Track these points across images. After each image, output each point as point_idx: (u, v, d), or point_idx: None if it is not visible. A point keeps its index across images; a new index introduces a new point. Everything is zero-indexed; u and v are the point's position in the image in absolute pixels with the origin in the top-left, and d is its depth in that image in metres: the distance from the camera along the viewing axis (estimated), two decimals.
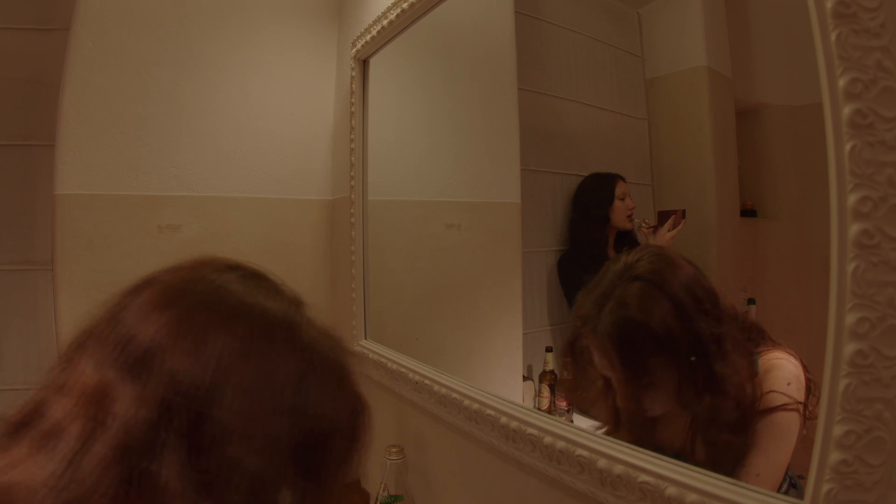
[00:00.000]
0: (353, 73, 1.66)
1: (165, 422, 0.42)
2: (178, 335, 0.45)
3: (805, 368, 0.69)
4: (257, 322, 0.48)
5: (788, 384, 0.68)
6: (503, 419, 0.95)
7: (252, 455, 0.44)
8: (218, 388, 0.44)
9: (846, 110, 0.45)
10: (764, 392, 0.69)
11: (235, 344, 0.46)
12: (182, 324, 0.46)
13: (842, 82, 0.45)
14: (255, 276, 0.54)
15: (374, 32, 1.50)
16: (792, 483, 0.68)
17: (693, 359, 0.71)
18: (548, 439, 0.84)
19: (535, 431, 0.87)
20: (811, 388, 0.68)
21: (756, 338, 0.73)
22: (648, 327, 0.74)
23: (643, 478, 0.67)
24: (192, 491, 0.42)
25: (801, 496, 0.51)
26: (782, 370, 0.69)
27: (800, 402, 0.66)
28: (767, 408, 0.68)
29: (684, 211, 0.87)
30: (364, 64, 1.65)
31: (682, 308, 0.72)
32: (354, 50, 1.64)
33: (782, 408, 0.67)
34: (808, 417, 0.67)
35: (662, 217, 0.89)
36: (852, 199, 0.45)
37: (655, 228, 0.90)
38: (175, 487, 0.41)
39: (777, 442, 0.67)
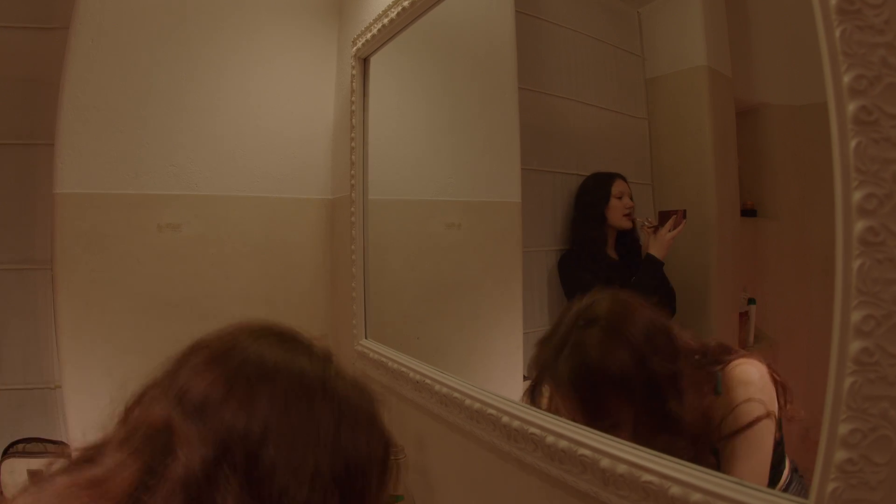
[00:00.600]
0: (354, 72, 1.66)
1: (223, 459, 0.50)
2: (229, 390, 0.53)
3: (772, 371, 0.71)
4: (296, 379, 0.57)
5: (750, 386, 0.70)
6: (505, 419, 0.95)
7: (299, 486, 0.51)
8: (267, 433, 0.52)
9: (851, 107, 0.45)
10: (732, 406, 0.70)
11: (279, 397, 0.54)
12: (231, 381, 0.54)
13: (846, 79, 0.45)
14: (289, 337, 0.63)
15: (374, 31, 1.50)
16: (794, 468, 0.69)
17: (648, 400, 0.74)
18: (550, 439, 0.84)
19: (537, 431, 0.87)
20: (781, 389, 0.69)
21: (720, 357, 0.75)
22: (605, 372, 0.77)
23: (647, 477, 0.67)
24: None
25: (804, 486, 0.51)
26: (745, 375, 0.71)
27: (770, 410, 0.68)
28: (739, 427, 0.69)
29: (685, 211, 0.87)
30: (364, 62, 1.65)
31: (637, 352, 0.74)
32: (355, 48, 1.64)
33: (754, 422, 0.69)
34: (786, 418, 0.68)
35: (663, 217, 0.89)
36: (857, 196, 0.45)
37: (656, 228, 0.90)
38: None
39: (752, 452, 0.69)
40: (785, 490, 0.69)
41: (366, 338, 1.62)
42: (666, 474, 0.65)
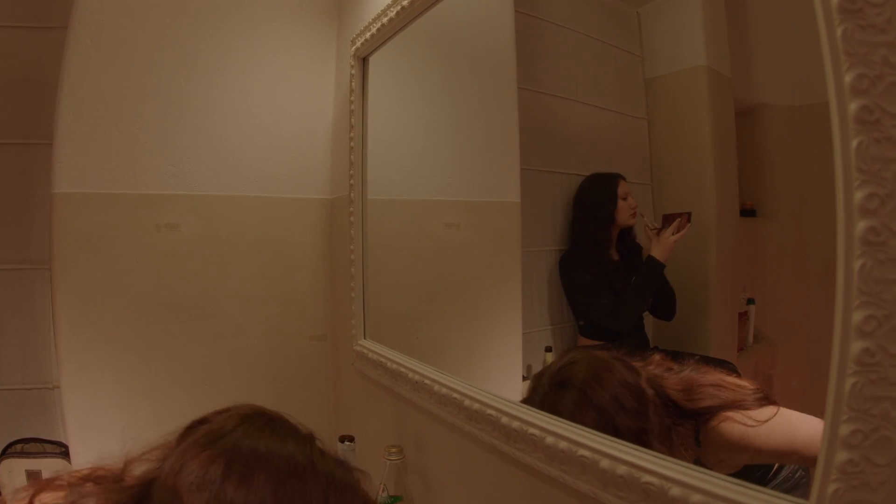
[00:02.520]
0: (353, 72, 1.66)
1: None
2: (229, 468, 0.63)
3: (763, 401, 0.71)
4: (287, 459, 0.66)
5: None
6: (504, 419, 0.94)
7: None
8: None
9: (852, 106, 0.45)
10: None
11: (273, 475, 0.64)
12: (230, 461, 0.63)
13: (848, 78, 0.45)
14: (278, 422, 0.71)
15: (373, 30, 1.50)
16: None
17: None
18: (549, 439, 0.83)
19: (536, 432, 0.86)
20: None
21: (704, 409, 0.76)
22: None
23: (646, 478, 0.67)
24: None
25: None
26: (726, 434, 0.73)
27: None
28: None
29: (690, 214, 0.87)
30: (363, 62, 1.64)
31: (604, 413, 0.79)
32: (354, 48, 1.64)
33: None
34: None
35: (667, 220, 0.89)
36: (859, 195, 0.44)
37: (659, 231, 0.90)
38: None
39: (783, 446, 0.69)
40: (778, 472, 0.70)
41: (365, 338, 1.62)
42: (666, 475, 0.65)
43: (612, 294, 1.02)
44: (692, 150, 0.90)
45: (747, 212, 0.79)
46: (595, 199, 1.03)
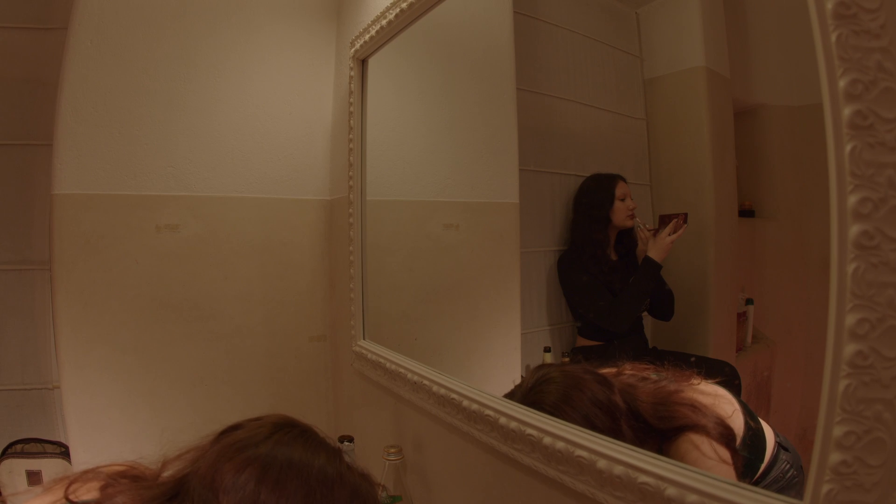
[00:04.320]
0: (352, 73, 1.66)
1: None
2: (264, 475, 0.67)
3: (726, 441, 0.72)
4: (318, 470, 0.70)
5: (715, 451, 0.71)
6: (502, 420, 0.95)
7: None
8: None
9: (846, 111, 0.45)
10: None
11: (305, 484, 0.68)
12: (265, 467, 0.68)
13: (842, 83, 0.45)
14: (310, 434, 0.76)
15: (372, 32, 1.50)
16: (783, 447, 0.69)
17: None
18: (547, 440, 0.84)
19: (534, 432, 0.87)
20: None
21: (664, 423, 0.77)
22: None
23: (643, 479, 0.67)
24: None
25: (794, 458, 0.51)
26: (688, 454, 0.72)
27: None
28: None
29: (686, 215, 0.87)
30: (363, 64, 1.65)
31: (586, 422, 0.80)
32: (353, 50, 1.64)
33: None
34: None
35: (664, 220, 0.89)
36: (852, 200, 0.45)
37: (656, 231, 0.90)
38: None
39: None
40: (771, 465, 0.71)
41: (364, 338, 1.62)
42: (662, 475, 0.65)
43: (610, 295, 1.02)
44: (691, 150, 0.90)
45: (746, 212, 0.79)
46: (592, 199, 1.03)
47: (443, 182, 1.43)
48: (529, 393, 0.90)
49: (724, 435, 0.71)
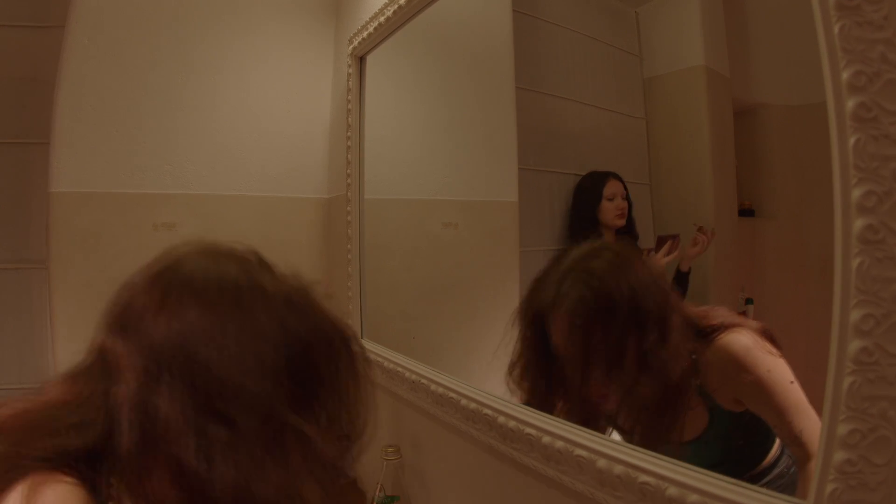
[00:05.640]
0: (350, 71, 1.66)
1: (158, 365, 0.53)
2: (162, 303, 0.57)
3: (770, 338, 0.70)
4: (222, 283, 0.60)
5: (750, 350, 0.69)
6: (501, 419, 0.94)
7: (243, 378, 0.54)
8: (201, 336, 0.55)
9: (850, 104, 0.44)
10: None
11: (208, 302, 0.57)
12: (164, 294, 0.58)
13: (845, 75, 0.44)
14: (221, 250, 0.66)
15: (370, 29, 1.50)
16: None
17: (641, 334, 0.74)
18: (546, 439, 0.83)
19: (533, 431, 0.86)
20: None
21: (709, 321, 0.75)
22: (608, 297, 0.77)
23: (643, 478, 0.67)
24: (194, 415, 0.52)
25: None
26: (737, 343, 0.70)
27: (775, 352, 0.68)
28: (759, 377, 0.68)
29: (678, 236, 0.87)
30: (361, 61, 1.64)
31: (639, 289, 0.76)
32: (351, 47, 1.63)
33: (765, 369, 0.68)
34: None
35: (660, 241, 0.89)
36: (857, 193, 0.44)
37: (649, 252, 0.90)
38: (176, 416, 0.52)
39: (781, 390, 0.66)
40: (776, 462, 0.70)
41: (362, 337, 1.62)
42: (663, 475, 0.65)
43: None
44: (690, 149, 0.90)
45: (746, 212, 0.79)
46: (580, 197, 1.02)
47: (441, 180, 1.42)
48: (583, 259, 0.84)
49: (768, 332, 0.69)
